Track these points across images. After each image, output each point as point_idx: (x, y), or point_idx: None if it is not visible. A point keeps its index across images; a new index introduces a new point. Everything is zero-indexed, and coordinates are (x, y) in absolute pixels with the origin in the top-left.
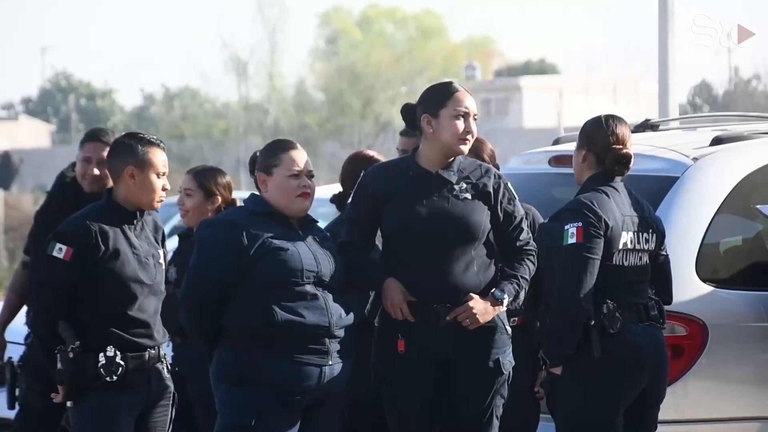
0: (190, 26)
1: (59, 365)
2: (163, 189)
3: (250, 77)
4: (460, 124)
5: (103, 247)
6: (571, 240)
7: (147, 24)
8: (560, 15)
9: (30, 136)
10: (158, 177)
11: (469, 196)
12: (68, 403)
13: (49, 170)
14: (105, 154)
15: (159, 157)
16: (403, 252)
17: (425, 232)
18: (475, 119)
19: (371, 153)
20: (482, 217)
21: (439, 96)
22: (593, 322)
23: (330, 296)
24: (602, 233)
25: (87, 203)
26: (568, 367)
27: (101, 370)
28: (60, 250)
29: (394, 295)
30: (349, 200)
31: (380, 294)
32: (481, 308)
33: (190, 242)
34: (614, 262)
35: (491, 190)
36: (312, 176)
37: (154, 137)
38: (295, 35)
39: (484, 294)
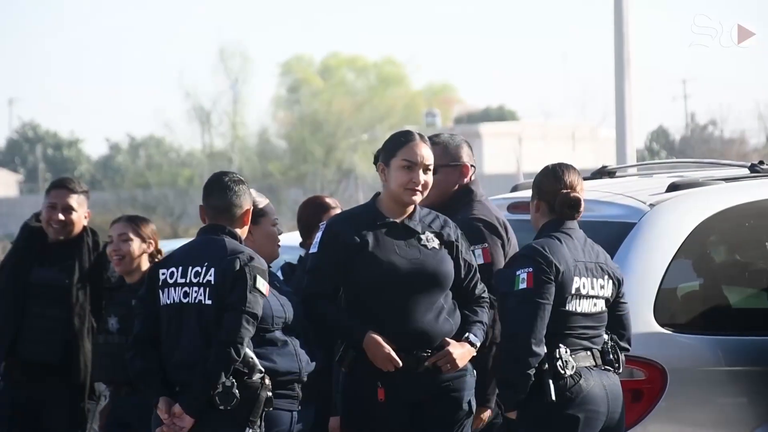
0: (154, 76)
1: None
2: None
3: (214, 126)
4: (406, 175)
5: None
6: (522, 285)
7: (112, 74)
8: (519, 63)
9: None
10: None
11: (436, 245)
12: None
13: (17, 219)
14: (70, 200)
15: None
16: (377, 301)
17: (400, 282)
18: (428, 170)
19: (326, 198)
20: (450, 265)
21: (392, 145)
22: (546, 367)
23: (297, 342)
24: (553, 278)
25: (52, 251)
26: (523, 411)
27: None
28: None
29: (383, 349)
30: (314, 249)
31: (356, 347)
32: (459, 353)
33: (130, 291)
34: (567, 308)
35: (453, 240)
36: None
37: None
38: (257, 84)
39: (456, 339)
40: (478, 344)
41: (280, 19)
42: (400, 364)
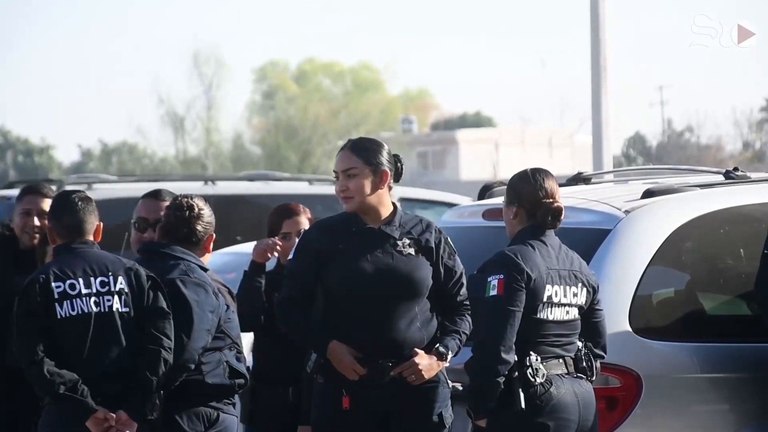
0: (127, 82)
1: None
2: None
3: (187, 132)
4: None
5: None
6: (493, 292)
7: (84, 80)
8: (496, 69)
9: None
10: None
11: (412, 251)
12: None
13: None
14: (44, 205)
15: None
16: (347, 308)
17: (369, 289)
18: (349, 176)
19: (295, 205)
20: (426, 272)
21: None
22: (516, 374)
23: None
24: (524, 285)
25: (26, 258)
26: (492, 419)
27: None
28: None
29: (345, 357)
30: (291, 255)
31: (322, 355)
32: (426, 364)
33: None
34: (538, 315)
35: (433, 246)
36: None
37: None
38: (231, 90)
39: (427, 349)
40: (450, 356)
41: (255, 24)
42: (363, 372)
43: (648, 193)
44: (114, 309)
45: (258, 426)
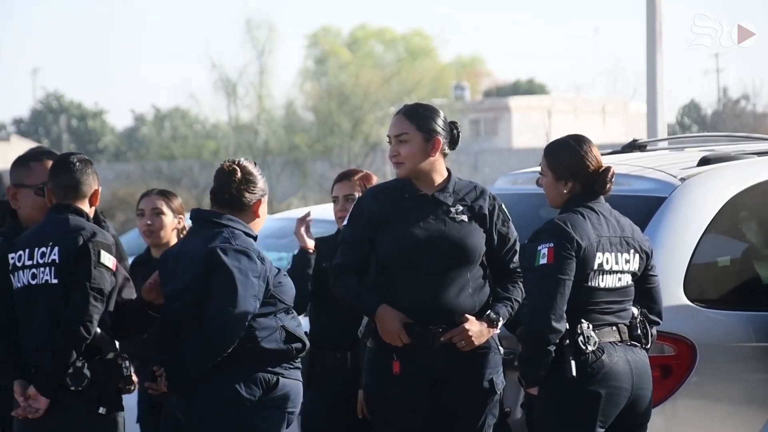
0: (180, 47)
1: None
2: None
3: (240, 98)
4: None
5: None
6: (542, 261)
7: (137, 45)
8: (549, 35)
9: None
10: None
11: (465, 218)
12: None
13: None
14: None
15: None
16: (399, 274)
17: (422, 255)
18: (401, 141)
19: (352, 169)
20: (479, 239)
21: None
22: (567, 342)
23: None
24: (574, 254)
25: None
26: (544, 387)
27: None
28: None
29: (391, 324)
30: (345, 222)
31: (373, 319)
32: (476, 330)
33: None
34: (590, 283)
35: (487, 212)
36: None
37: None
38: (284, 56)
39: (478, 315)
40: (501, 322)
41: None
42: (407, 340)
43: (704, 161)
44: (44, 281)
45: (317, 391)
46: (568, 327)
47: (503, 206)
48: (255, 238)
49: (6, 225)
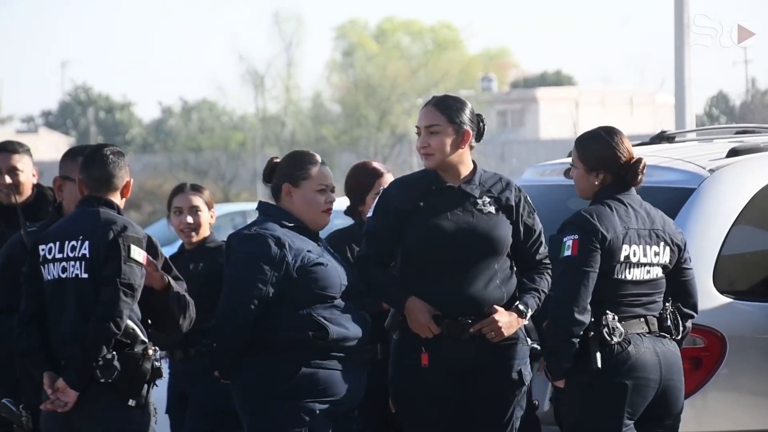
0: (208, 40)
1: None
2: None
3: (267, 90)
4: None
5: None
6: (567, 252)
7: (165, 38)
8: (576, 27)
9: (49, 148)
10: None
11: (492, 210)
12: None
13: None
14: (13, 162)
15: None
16: (427, 266)
17: (450, 247)
18: (431, 133)
19: (375, 164)
20: (506, 231)
21: None
22: (592, 334)
23: (354, 308)
24: (598, 246)
25: (17, 215)
26: (570, 379)
27: None
28: None
29: (420, 315)
30: (369, 213)
31: (401, 312)
32: (505, 321)
33: (190, 258)
34: (616, 276)
35: (513, 204)
36: (333, 191)
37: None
38: (311, 48)
39: (506, 306)
40: (529, 313)
41: None
42: (437, 331)
43: (733, 152)
44: (74, 275)
45: None
46: (593, 319)
47: (528, 198)
48: (304, 230)
49: (49, 216)
